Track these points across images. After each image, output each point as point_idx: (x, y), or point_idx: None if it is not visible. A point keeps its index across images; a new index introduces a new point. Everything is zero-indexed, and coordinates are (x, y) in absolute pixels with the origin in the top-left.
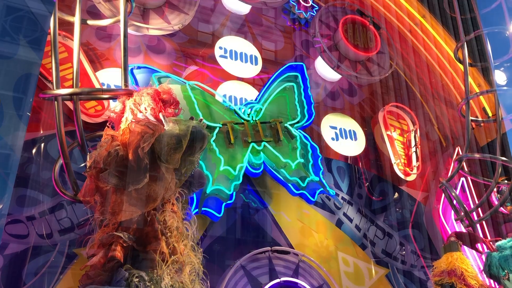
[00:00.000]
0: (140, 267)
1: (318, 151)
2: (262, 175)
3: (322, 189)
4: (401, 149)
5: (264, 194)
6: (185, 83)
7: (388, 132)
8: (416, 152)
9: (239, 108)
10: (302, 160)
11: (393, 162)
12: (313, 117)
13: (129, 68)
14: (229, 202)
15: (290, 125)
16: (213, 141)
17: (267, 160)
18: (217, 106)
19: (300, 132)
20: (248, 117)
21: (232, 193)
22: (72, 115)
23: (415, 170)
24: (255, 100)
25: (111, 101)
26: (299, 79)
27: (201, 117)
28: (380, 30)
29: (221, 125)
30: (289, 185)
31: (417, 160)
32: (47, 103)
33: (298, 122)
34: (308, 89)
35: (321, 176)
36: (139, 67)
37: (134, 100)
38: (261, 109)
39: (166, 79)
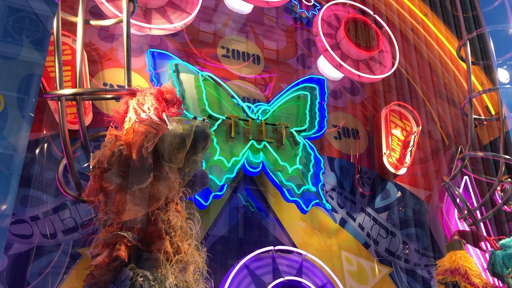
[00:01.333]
0: (144, 266)
1: (322, 163)
2: (265, 175)
3: (318, 201)
4: (397, 146)
5: (267, 194)
6: (198, 73)
7: (393, 131)
8: (411, 151)
9: (249, 107)
10: (301, 167)
11: (383, 152)
12: (323, 130)
13: (150, 53)
14: (218, 193)
15: (296, 131)
16: (214, 130)
17: (265, 161)
18: (226, 100)
19: (306, 141)
20: (255, 115)
21: (223, 185)
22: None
23: (405, 165)
24: (268, 103)
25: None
26: (316, 92)
27: (205, 112)
28: (382, 29)
29: (224, 118)
30: (284, 190)
31: (410, 157)
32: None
33: (305, 131)
34: (325, 104)
35: (319, 188)
36: (159, 53)
37: (138, 100)
38: (269, 110)
39: (183, 65)
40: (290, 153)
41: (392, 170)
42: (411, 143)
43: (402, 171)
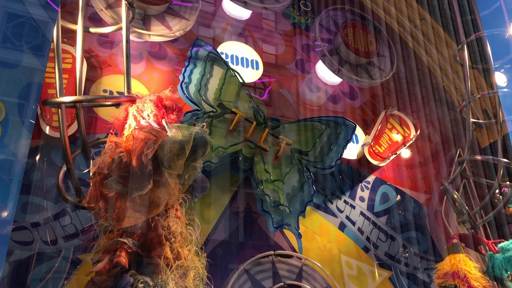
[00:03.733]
0: (144, 272)
1: (312, 198)
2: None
3: (290, 225)
4: (385, 143)
5: None
6: (228, 68)
7: (393, 134)
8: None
9: (261, 115)
10: (284, 183)
11: (367, 141)
12: (330, 169)
13: (195, 40)
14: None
15: (297, 151)
16: (215, 117)
17: (253, 165)
18: (242, 100)
19: (310, 173)
20: (262, 121)
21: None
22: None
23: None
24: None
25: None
26: (341, 133)
27: (216, 100)
28: (380, 33)
29: (230, 111)
30: (260, 199)
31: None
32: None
33: (306, 155)
34: (343, 147)
35: (297, 216)
36: (206, 44)
37: (137, 107)
38: (279, 124)
39: (220, 60)
40: (282, 169)
41: (370, 159)
42: (401, 148)
43: (381, 164)
